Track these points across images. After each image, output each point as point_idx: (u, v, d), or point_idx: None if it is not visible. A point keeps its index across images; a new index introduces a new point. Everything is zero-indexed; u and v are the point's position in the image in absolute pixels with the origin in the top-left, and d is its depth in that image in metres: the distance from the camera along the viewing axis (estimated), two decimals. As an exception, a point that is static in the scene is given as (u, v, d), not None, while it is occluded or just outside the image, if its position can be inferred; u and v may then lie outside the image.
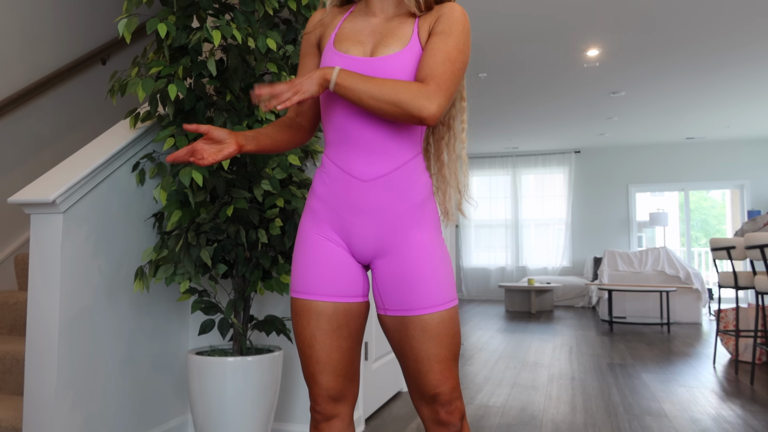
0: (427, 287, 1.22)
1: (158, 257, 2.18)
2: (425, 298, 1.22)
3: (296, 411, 2.64)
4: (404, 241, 1.24)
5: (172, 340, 2.58)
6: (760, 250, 3.62)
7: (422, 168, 1.29)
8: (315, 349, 1.24)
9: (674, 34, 5.02)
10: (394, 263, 1.24)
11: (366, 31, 1.31)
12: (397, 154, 1.25)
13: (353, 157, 1.24)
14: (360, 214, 1.24)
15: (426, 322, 1.22)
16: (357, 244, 1.26)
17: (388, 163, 1.24)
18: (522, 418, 3.06)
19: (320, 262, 1.26)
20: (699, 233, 14.41)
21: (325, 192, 1.27)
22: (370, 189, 1.23)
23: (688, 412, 3.18)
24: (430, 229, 1.27)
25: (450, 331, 1.24)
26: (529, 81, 6.36)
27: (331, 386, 1.24)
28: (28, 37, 3.41)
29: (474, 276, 10.78)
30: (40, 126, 3.48)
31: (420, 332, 1.22)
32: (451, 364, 1.24)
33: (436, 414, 1.24)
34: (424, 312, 1.22)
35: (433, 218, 1.30)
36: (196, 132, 1.46)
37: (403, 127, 1.26)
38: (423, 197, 1.27)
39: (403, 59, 1.24)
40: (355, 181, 1.24)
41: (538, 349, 5.20)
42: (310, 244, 1.28)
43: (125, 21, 2.04)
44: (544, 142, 9.80)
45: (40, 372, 1.99)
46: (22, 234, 3.33)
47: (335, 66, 1.20)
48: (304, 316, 1.25)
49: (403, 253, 1.24)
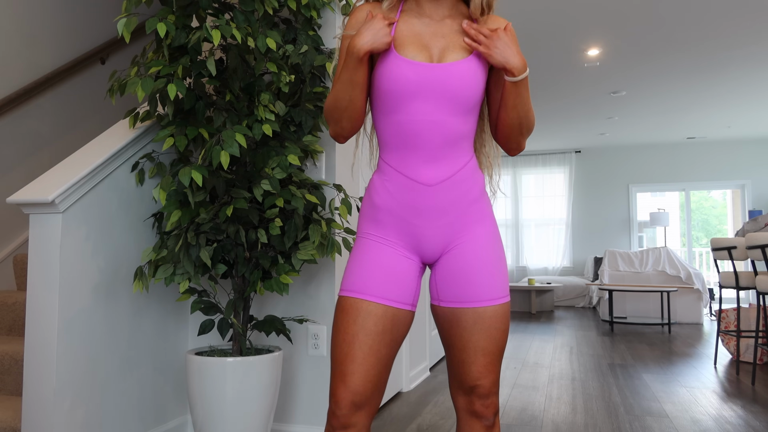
0: (483, 281, 1.25)
1: (158, 257, 2.17)
2: (481, 292, 1.25)
3: (296, 411, 2.64)
4: (467, 236, 1.28)
5: (172, 341, 2.58)
6: (762, 250, 3.61)
7: (477, 166, 1.32)
8: (354, 348, 1.21)
9: (675, 34, 5.02)
10: (456, 257, 1.27)
11: (427, 35, 1.28)
12: (459, 157, 1.27)
13: (419, 164, 1.25)
14: (428, 217, 1.26)
15: (479, 314, 1.25)
16: (427, 245, 1.28)
17: (451, 166, 1.26)
18: (522, 419, 3.05)
19: (378, 266, 1.26)
20: (700, 233, 14.40)
21: (391, 202, 1.27)
22: (436, 192, 1.25)
23: (689, 413, 3.18)
24: (488, 223, 1.31)
25: (501, 326, 1.26)
26: (529, 81, 6.35)
27: (359, 390, 1.20)
28: (26, 37, 3.41)
29: (474, 276, 10.76)
30: (39, 126, 3.47)
31: (472, 324, 1.25)
32: (495, 359, 1.26)
33: (472, 405, 1.26)
34: (479, 305, 1.25)
35: (490, 213, 1.33)
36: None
37: (466, 131, 1.28)
38: (480, 193, 1.31)
39: (471, 65, 1.25)
40: (421, 186, 1.25)
41: (538, 350, 5.19)
42: (369, 248, 1.28)
43: (124, 20, 2.03)
44: (545, 142, 9.79)
45: (39, 372, 1.98)
46: (20, 234, 3.33)
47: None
48: (351, 313, 1.23)
49: (465, 248, 1.27)
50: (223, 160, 2.01)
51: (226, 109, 2.21)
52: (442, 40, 1.27)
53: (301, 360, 2.62)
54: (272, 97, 2.24)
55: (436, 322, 1.32)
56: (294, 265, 2.23)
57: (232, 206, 2.10)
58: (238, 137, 2.05)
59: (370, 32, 1.22)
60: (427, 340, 4.13)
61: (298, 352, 2.62)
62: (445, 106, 1.24)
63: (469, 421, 1.28)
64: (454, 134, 1.25)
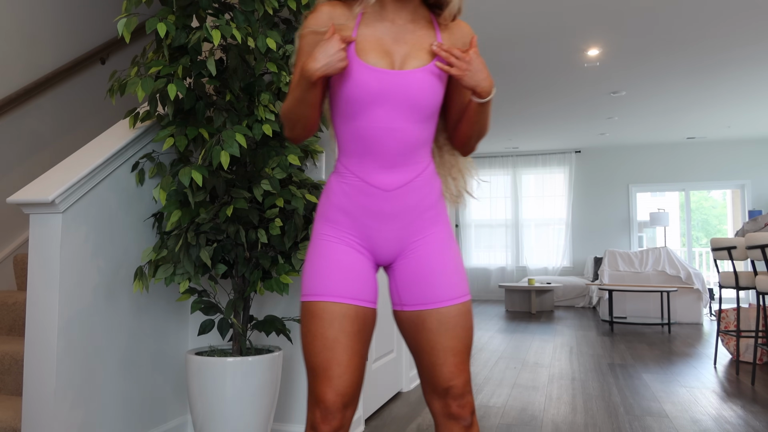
0: (443, 281, 1.27)
1: (158, 257, 2.17)
2: (442, 292, 1.26)
3: (296, 411, 2.64)
4: (422, 240, 1.29)
5: (172, 341, 2.58)
6: (761, 250, 3.61)
7: (434, 171, 1.34)
8: (337, 352, 1.21)
9: (675, 34, 5.02)
10: (413, 261, 1.28)
11: (389, 40, 1.27)
12: (417, 163, 1.28)
13: (377, 170, 1.26)
14: (384, 221, 1.27)
15: (443, 315, 1.25)
16: (380, 247, 1.29)
17: (410, 172, 1.27)
18: (522, 419, 3.05)
19: (340, 267, 1.26)
20: (700, 233, 14.40)
21: (347, 202, 1.28)
22: (394, 198, 1.26)
23: (688, 413, 3.18)
24: (444, 227, 1.33)
25: (465, 324, 1.27)
26: (529, 81, 6.35)
27: (348, 391, 1.21)
28: (27, 37, 3.41)
29: (474, 276, 10.77)
30: (39, 126, 3.47)
31: (437, 325, 1.25)
32: (464, 357, 1.27)
33: (448, 407, 1.26)
34: (442, 305, 1.26)
35: (445, 216, 1.35)
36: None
37: (425, 138, 1.29)
38: (437, 198, 1.32)
39: (433, 73, 1.25)
40: (379, 191, 1.26)
41: (538, 350, 5.19)
42: (331, 250, 1.28)
43: (124, 20, 2.03)
44: (545, 142, 9.79)
45: (39, 372, 1.98)
46: (21, 234, 3.33)
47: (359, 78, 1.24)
48: (325, 318, 1.22)
49: (422, 251, 1.29)
50: (223, 160, 2.01)
51: (226, 109, 2.21)
52: (405, 46, 1.26)
53: (301, 360, 2.62)
54: (272, 97, 2.24)
55: (400, 328, 1.33)
56: (294, 265, 2.23)
57: (232, 206, 2.10)
58: (238, 137, 2.05)
59: (325, 57, 1.18)
60: (427, 340, 4.13)
61: (298, 352, 2.63)
62: (405, 113, 1.24)
63: (447, 424, 1.27)
64: (413, 141, 1.26)
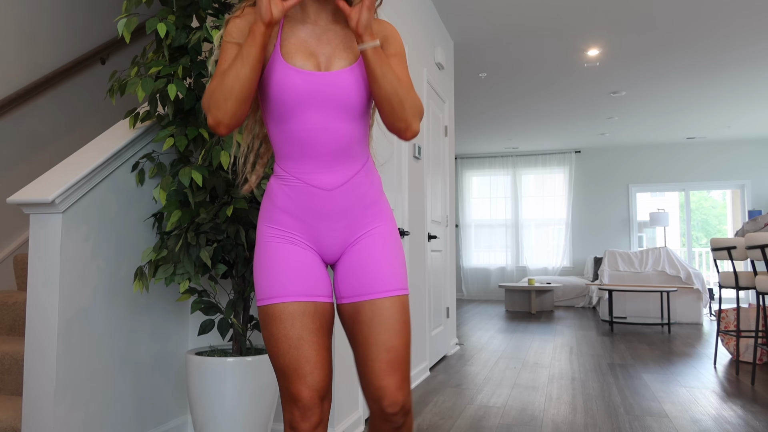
0: (379, 273, 1.28)
1: (158, 257, 2.17)
2: (377, 284, 1.27)
3: (296, 411, 2.64)
4: (365, 234, 1.31)
5: (172, 341, 2.58)
6: (761, 250, 3.61)
7: (373, 166, 1.35)
8: (304, 349, 1.22)
9: (675, 34, 5.02)
10: (354, 254, 1.31)
11: (313, 41, 1.28)
12: (355, 161, 1.29)
13: (316, 170, 1.26)
14: (327, 219, 1.29)
15: (377, 306, 1.25)
16: (326, 246, 1.31)
17: (348, 170, 1.28)
18: (522, 419, 3.05)
19: (296, 267, 1.27)
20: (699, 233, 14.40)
21: (290, 204, 1.28)
22: (334, 196, 1.27)
23: (688, 413, 3.18)
24: (386, 222, 1.34)
25: (400, 317, 1.26)
26: (529, 81, 6.35)
27: (321, 385, 1.22)
28: (26, 37, 3.41)
29: (474, 276, 10.77)
30: (39, 126, 3.47)
31: (371, 317, 1.25)
32: (400, 356, 1.24)
33: (380, 408, 1.23)
34: (376, 296, 1.26)
35: (388, 211, 1.36)
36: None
37: (360, 135, 1.29)
38: (378, 192, 1.34)
39: (358, 72, 1.26)
40: (320, 191, 1.27)
41: (538, 350, 5.19)
42: (279, 250, 1.28)
43: (125, 20, 2.03)
44: (545, 142, 9.79)
45: (39, 372, 1.98)
46: (21, 234, 3.33)
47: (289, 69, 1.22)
48: (286, 320, 1.23)
49: (363, 244, 1.30)
50: (223, 160, 2.01)
51: (226, 109, 2.20)
52: (328, 46, 1.27)
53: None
54: (272, 97, 2.23)
55: (342, 324, 1.33)
56: (294, 265, 2.23)
57: (232, 206, 2.10)
58: (237, 137, 2.05)
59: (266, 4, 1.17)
60: (427, 340, 4.13)
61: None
62: (337, 113, 1.25)
63: (378, 422, 1.26)
64: (347, 140, 1.26)
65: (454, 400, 3.45)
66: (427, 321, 4.12)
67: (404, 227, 3.62)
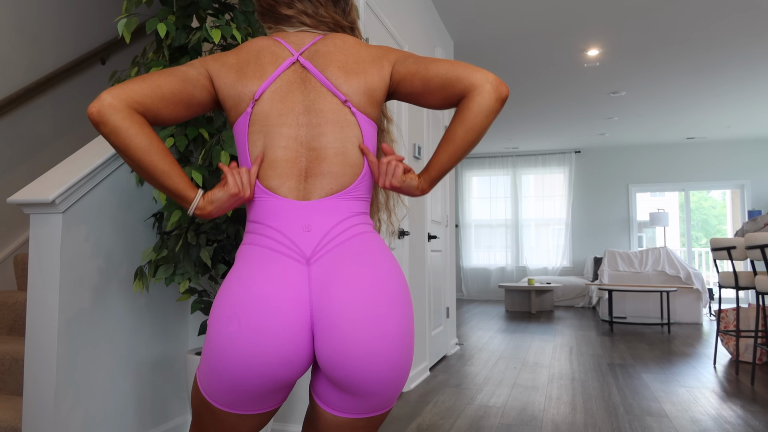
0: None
1: (158, 257, 2.17)
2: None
3: (296, 411, 2.64)
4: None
5: (172, 341, 2.58)
6: (761, 250, 3.61)
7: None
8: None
9: (675, 34, 5.02)
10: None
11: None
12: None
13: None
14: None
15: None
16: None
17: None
18: (522, 419, 3.05)
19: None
20: (699, 233, 14.40)
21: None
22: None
23: (688, 413, 3.18)
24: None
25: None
26: (529, 81, 6.36)
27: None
28: (27, 37, 3.41)
29: (474, 276, 10.77)
30: (40, 126, 3.47)
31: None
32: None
33: None
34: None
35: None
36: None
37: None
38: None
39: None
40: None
41: (538, 350, 5.19)
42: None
43: (125, 21, 2.03)
44: (544, 142, 9.79)
45: (40, 372, 1.98)
46: (21, 234, 3.33)
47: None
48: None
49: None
50: (223, 160, 2.01)
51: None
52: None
53: (301, 360, 2.62)
54: (272, 97, 2.24)
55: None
56: (294, 265, 2.23)
57: (233, 206, 2.10)
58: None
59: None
60: (427, 340, 4.13)
61: (298, 352, 2.62)
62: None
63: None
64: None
65: (454, 400, 3.45)
66: (427, 321, 4.12)
67: (404, 227, 3.62)
